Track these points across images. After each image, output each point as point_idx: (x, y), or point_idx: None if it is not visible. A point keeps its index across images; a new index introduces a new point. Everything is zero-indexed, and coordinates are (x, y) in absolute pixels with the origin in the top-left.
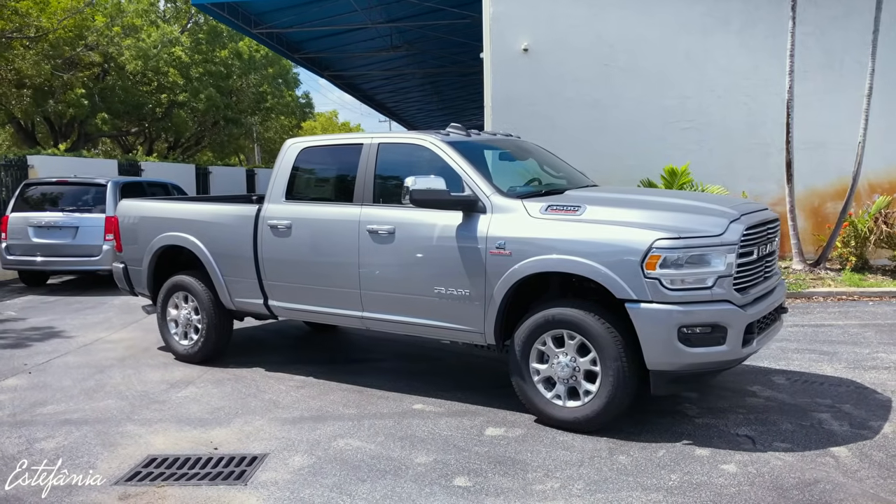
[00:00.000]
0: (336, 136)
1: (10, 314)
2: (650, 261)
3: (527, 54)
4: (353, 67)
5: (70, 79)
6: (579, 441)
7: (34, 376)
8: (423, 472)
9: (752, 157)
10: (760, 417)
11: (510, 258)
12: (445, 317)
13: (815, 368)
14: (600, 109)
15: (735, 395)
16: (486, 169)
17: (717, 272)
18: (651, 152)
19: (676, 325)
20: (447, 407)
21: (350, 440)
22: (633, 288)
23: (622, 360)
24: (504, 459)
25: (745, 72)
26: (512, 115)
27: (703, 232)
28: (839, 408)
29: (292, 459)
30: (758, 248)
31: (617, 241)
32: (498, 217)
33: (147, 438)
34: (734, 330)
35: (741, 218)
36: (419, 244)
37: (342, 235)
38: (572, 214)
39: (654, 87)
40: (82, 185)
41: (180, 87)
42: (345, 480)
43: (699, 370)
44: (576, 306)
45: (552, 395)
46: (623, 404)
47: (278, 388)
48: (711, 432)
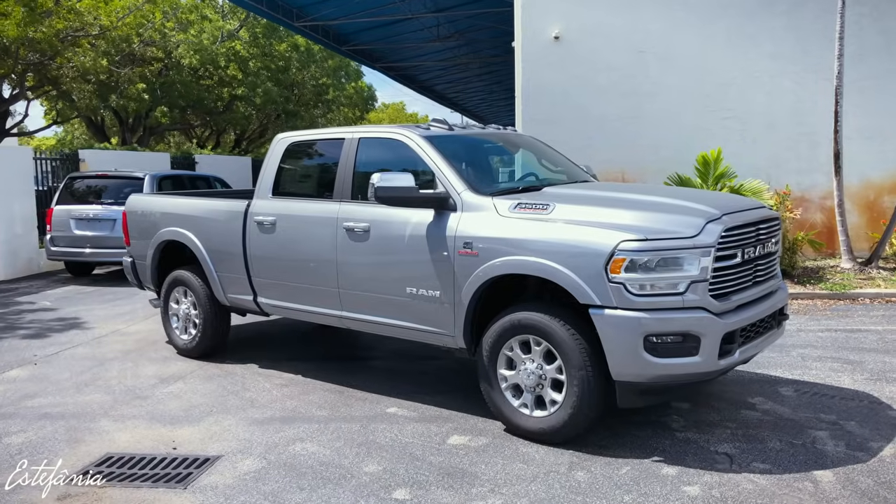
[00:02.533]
0: (322, 130)
1: (45, 304)
2: (614, 264)
3: (558, 42)
4: (406, 58)
5: (129, 74)
6: (542, 454)
7: (38, 368)
8: (366, 482)
9: (800, 148)
10: (749, 433)
11: (477, 258)
12: (417, 318)
13: (832, 379)
14: (635, 98)
15: (730, 407)
16: (462, 165)
17: (690, 277)
18: (689, 143)
19: (642, 334)
20: (421, 411)
21: (308, 444)
22: (597, 292)
23: (587, 370)
24: (455, 471)
25: (793, 56)
26: (542, 105)
27: (673, 233)
28: (842, 425)
29: (243, 463)
30: (743, 250)
31: (581, 243)
32: (467, 215)
33: (114, 435)
34: (709, 340)
35: (722, 218)
36: (392, 243)
37: (321, 233)
38: (541, 213)
39: (693, 73)
40: (121, 178)
41: (239, 81)
42: (284, 488)
43: (670, 382)
44: (542, 310)
45: (519, 404)
46: (590, 416)
47: (263, 385)
48: (688, 448)
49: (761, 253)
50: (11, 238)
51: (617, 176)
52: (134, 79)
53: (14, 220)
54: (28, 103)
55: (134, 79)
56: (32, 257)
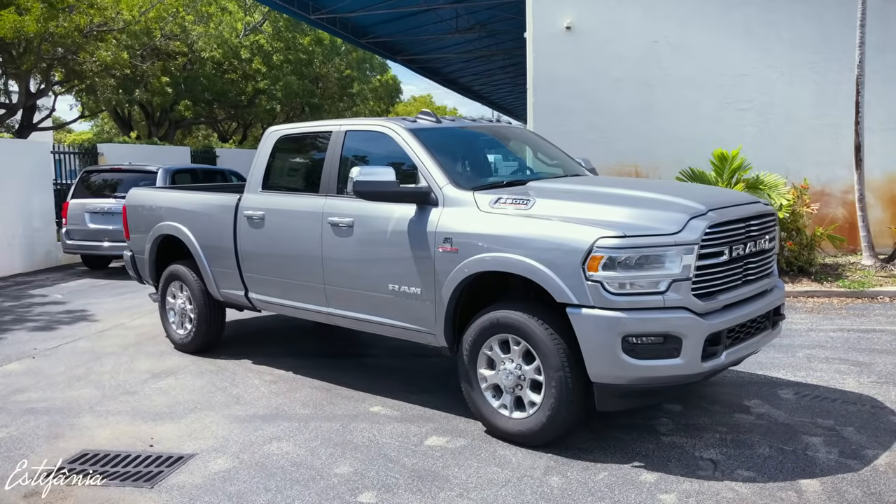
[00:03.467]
0: (311, 123)
1: (57, 297)
2: (592, 261)
3: (570, 32)
4: (427, 51)
5: (150, 67)
6: (520, 457)
7: (35, 361)
8: (335, 483)
9: (821, 140)
10: (739, 438)
11: (457, 255)
12: (400, 316)
13: (836, 382)
14: (649, 90)
15: (724, 410)
16: (448, 159)
17: (671, 275)
18: (704, 135)
19: (620, 334)
20: (405, 411)
21: (284, 444)
22: (574, 291)
23: (564, 371)
24: (427, 474)
25: (814, 45)
26: (554, 97)
27: (653, 230)
28: (838, 431)
29: (215, 462)
30: (730, 247)
31: (558, 239)
32: (448, 210)
33: (94, 432)
34: (691, 341)
35: (707, 214)
36: (375, 238)
37: (307, 227)
38: (521, 208)
39: (709, 64)
40: (135, 172)
41: (262, 74)
42: (251, 489)
43: (650, 385)
44: (521, 309)
45: (499, 405)
46: (569, 419)
47: (252, 382)
48: (673, 453)
49: (753, 250)
50: (30, 231)
51: (630, 170)
52: (156, 72)
53: (33, 213)
54: (55, 98)
55: (156, 72)
56: (51, 250)
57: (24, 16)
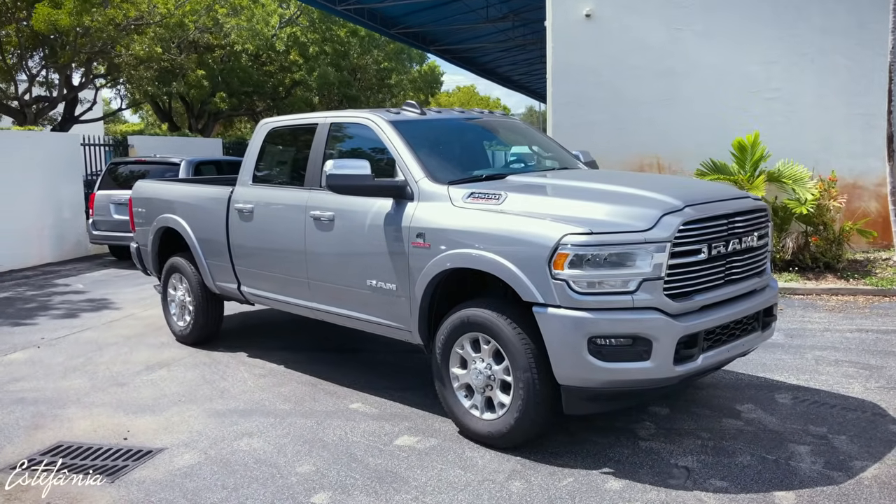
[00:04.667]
0: (300, 115)
1: (79, 287)
2: (558, 259)
3: (590, 20)
4: (462, 41)
5: (185, 60)
6: (487, 459)
7: (39, 351)
8: (292, 483)
9: (853, 131)
10: (721, 445)
11: (429, 250)
12: (378, 312)
13: (841, 386)
14: (671, 78)
15: (713, 414)
16: (428, 151)
17: (641, 274)
18: (728, 126)
19: (586, 335)
20: (384, 408)
21: (255, 440)
22: (540, 290)
23: (532, 372)
24: (387, 475)
25: (846, 29)
26: (573, 86)
27: (622, 226)
28: (830, 439)
29: (182, 457)
30: (710, 245)
31: (524, 235)
32: (423, 205)
33: (74, 423)
34: (662, 343)
35: (683, 210)
36: (354, 233)
37: (292, 221)
38: (492, 203)
39: (734, 51)
40: (159, 164)
41: (299, 66)
42: (208, 486)
43: (619, 389)
44: (490, 307)
45: (470, 405)
46: (537, 422)
47: (241, 376)
48: (647, 460)
49: (737, 248)
50: (60, 222)
51: (651, 161)
52: (190, 65)
53: (62, 204)
54: (97, 91)
55: (190, 65)
56: (80, 241)
57: (57, 10)
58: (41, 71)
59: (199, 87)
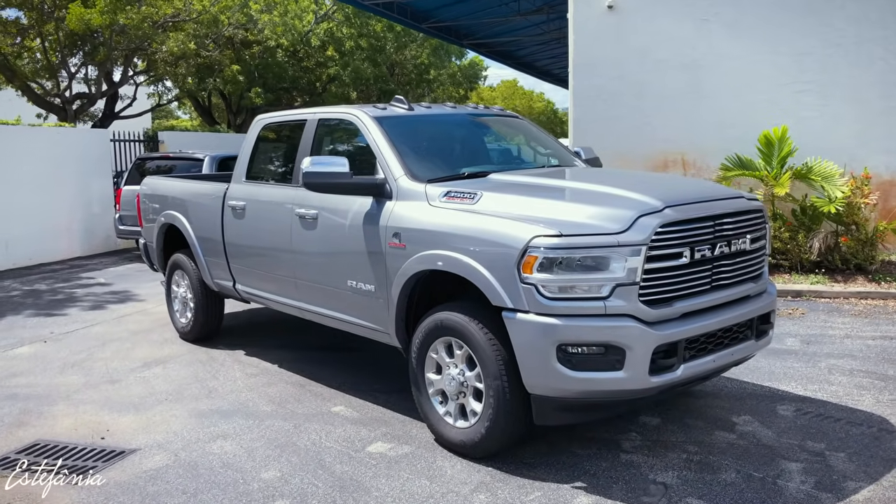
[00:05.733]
0: (292, 111)
1: (101, 280)
2: (527, 262)
3: (612, 11)
4: (497, 35)
5: (220, 56)
6: (457, 469)
7: (45, 345)
8: (252, 489)
9: (889, 125)
10: (707, 461)
11: (405, 251)
12: (358, 313)
13: (850, 398)
14: (697, 71)
15: (706, 426)
16: (411, 148)
17: (615, 279)
18: (757, 120)
19: (555, 343)
20: (366, 412)
21: (229, 443)
22: (509, 294)
23: (502, 379)
24: (350, 484)
25: (882, 19)
26: (595, 80)
27: (595, 228)
28: (826, 457)
29: (152, 459)
30: (692, 248)
31: (494, 237)
32: (400, 204)
33: (57, 421)
34: (636, 353)
35: (663, 211)
36: (335, 232)
37: (280, 219)
38: (467, 203)
39: (763, 42)
40: (184, 159)
41: (335, 61)
42: (169, 490)
43: (591, 399)
44: (463, 311)
45: (444, 412)
46: (508, 432)
47: (233, 375)
48: (624, 474)
49: (726, 252)
50: (89, 217)
51: (675, 158)
52: (224, 61)
53: (92, 199)
54: (136, 87)
55: (224, 61)
56: (109, 235)
57: (90, 9)
58: (80, 68)
59: (235, 82)
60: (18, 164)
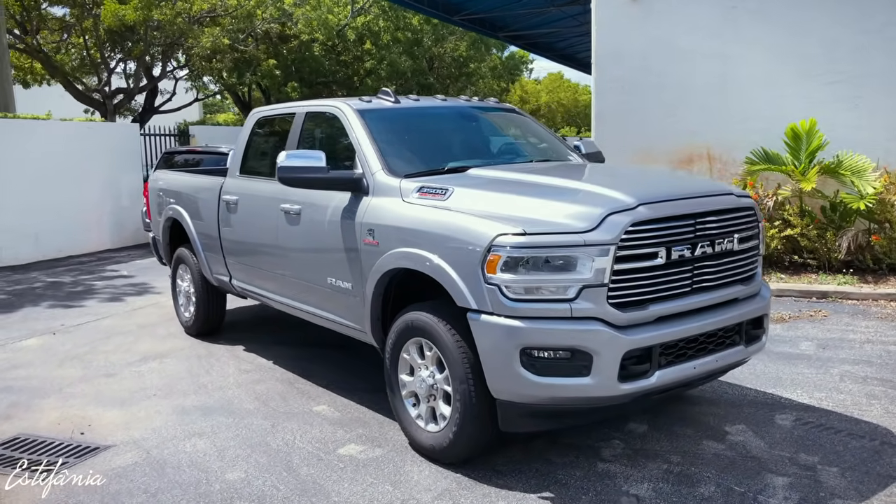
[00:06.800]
0: (285, 104)
1: (124, 273)
2: (491, 261)
3: (635, 1)
4: (533, 26)
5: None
6: (425, 475)
7: (53, 337)
8: (213, 491)
9: None
10: (688, 472)
11: (378, 248)
12: (338, 311)
13: (858, 408)
14: (724, 62)
15: (695, 434)
16: (393, 142)
17: (581, 280)
18: (786, 113)
19: (518, 346)
20: (347, 412)
21: (203, 441)
22: (474, 294)
23: (469, 383)
24: (312, 487)
25: None
26: (618, 71)
27: (560, 226)
28: (817, 471)
29: (123, 456)
30: (669, 248)
31: (460, 235)
32: (376, 200)
33: (43, 414)
34: (604, 358)
35: (636, 209)
36: (316, 228)
37: (268, 214)
38: (438, 199)
39: (793, 30)
40: (210, 153)
41: (372, 55)
42: (130, 490)
43: (557, 406)
44: (431, 311)
45: (416, 415)
46: (475, 437)
47: (226, 371)
48: (596, 485)
49: (708, 252)
50: (118, 210)
51: (701, 151)
52: (260, 56)
53: (121, 193)
54: (175, 82)
55: (260, 56)
56: (138, 228)
57: (124, 5)
58: (118, 64)
59: (272, 76)
60: (49, 157)
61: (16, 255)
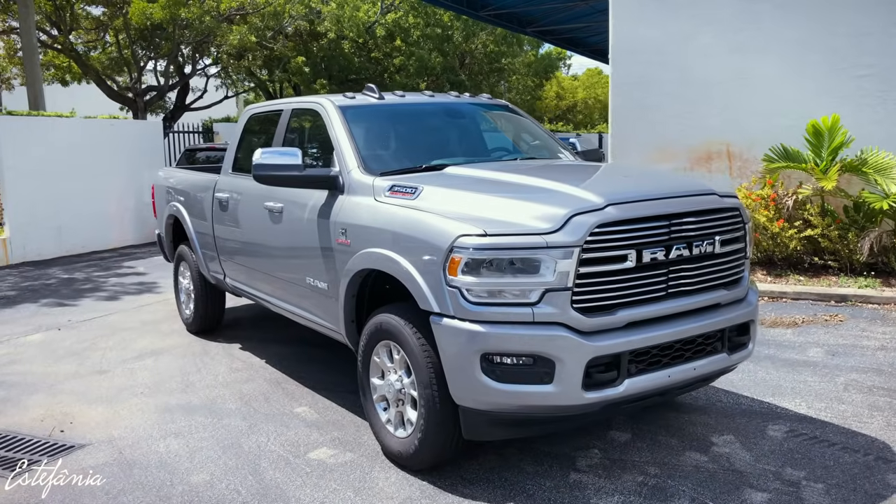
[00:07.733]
0: (274, 101)
1: (140, 269)
2: (452, 263)
3: None
4: (562, 21)
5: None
6: (390, 482)
7: (58, 333)
8: (174, 493)
9: None
10: (663, 485)
11: (350, 248)
12: (316, 311)
13: (858, 420)
14: (745, 56)
15: (679, 444)
16: (372, 140)
17: (543, 283)
18: (809, 108)
19: (478, 352)
20: (327, 414)
21: (177, 441)
22: (436, 297)
23: (433, 388)
24: (273, 492)
25: None
26: (636, 66)
27: (522, 227)
28: (801, 488)
29: (94, 456)
30: (639, 251)
31: (423, 235)
32: (349, 199)
33: (29, 411)
34: (567, 365)
35: (604, 209)
36: (295, 227)
37: (254, 213)
38: (407, 198)
39: (817, 22)
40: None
41: (401, 51)
42: (92, 491)
43: (521, 414)
44: (399, 314)
45: (386, 419)
46: (440, 444)
47: (218, 369)
48: (565, 497)
49: (686, 255)
50: (141, 206)
51: (720, 148)
52: (287, 53)
53: (144, 189)
54: (207, 79)
55: (287, 53)
56: None
57: (152, 4)
58: (149, 62)
59: (301, 73)
60: (73, 154)
61: (39, 251)
